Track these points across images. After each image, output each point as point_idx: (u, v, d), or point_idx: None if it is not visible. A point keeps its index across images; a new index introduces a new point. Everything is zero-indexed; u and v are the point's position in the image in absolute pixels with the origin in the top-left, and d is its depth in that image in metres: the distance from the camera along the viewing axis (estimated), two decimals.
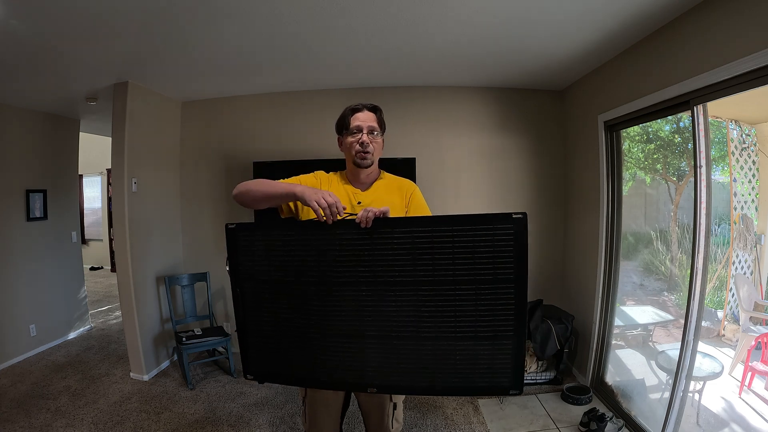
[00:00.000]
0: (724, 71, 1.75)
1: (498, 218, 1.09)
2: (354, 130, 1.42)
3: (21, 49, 2.31)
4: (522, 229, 1.11)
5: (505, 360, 1.15)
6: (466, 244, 1.09)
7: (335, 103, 3.46)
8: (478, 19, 2.15)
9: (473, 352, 1.15)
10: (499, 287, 1.11)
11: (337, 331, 1.22)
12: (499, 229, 1.09)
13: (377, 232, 1.14)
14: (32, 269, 3.69)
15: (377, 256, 1.15)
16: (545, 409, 2.70)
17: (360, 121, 1.42)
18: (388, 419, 1.54)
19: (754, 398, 2.41)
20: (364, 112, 1.44)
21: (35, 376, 3.22)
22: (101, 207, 7.91)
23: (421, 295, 1.14)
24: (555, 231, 3.49)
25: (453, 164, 3.47)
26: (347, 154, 1.46)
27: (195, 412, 2.71)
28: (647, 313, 3.02)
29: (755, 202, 2.97)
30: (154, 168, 3.36)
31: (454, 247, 1.10)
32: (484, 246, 1.10)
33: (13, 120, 3.51)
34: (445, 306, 1.14)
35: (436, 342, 1.16)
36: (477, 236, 1.10)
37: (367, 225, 1.13)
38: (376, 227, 1.13)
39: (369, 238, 1.14)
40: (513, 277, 1.11)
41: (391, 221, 1.16)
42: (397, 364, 1.19)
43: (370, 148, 1.42)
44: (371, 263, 1.15)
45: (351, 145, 1.42)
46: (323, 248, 1.19)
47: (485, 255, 1.10)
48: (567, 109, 3.40)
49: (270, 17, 2.10)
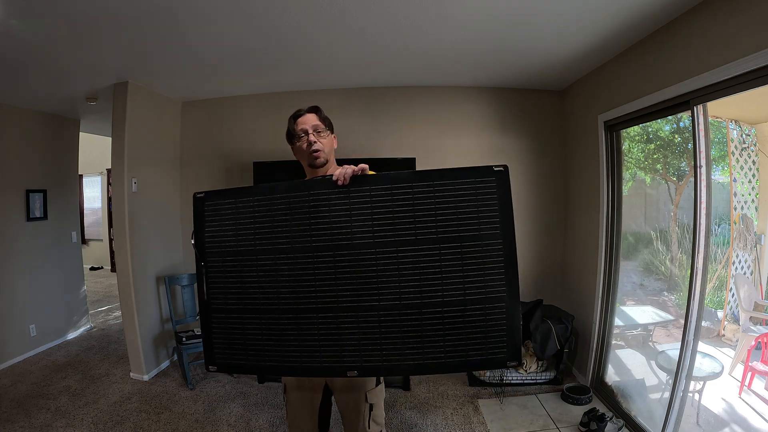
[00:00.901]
0: (724, 71, 1.75)
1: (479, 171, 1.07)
2: (300, 134, 1.44)
3: (21, 49, 2.31)
4: (504, 182, 1.07)
5: (499, 327, 1.06)
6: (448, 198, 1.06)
7: (335, 104, 3.48)
8: (478, 19, 2.15)
9: (463, 319, 1.06)
10: (486, 244, 1.05)
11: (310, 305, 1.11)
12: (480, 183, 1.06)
13: (354, 191, 1.08)
14: (32, 269, 3.69)
15: (355, 217, 1.07)
16: (545, 409, 2.70)
17: (304, 124, 1.44)
18: (363, 421, 1.47)
19: (754, 398, 2.41)
20: (305, 116, 1.46)
21: (35, 376, 3.22)
22: (101, 207, 7.91)
23: (402, 258, 1.06)
24: (555, 231, 3.49)
25: (453, 164, 3.46)
26: (301, 159, 1.49)
27: (195, 412, 2.71)
28: (647, 313, 3.02)
29: (755, 202, 2.97)
30: (154, 168, 3.36)
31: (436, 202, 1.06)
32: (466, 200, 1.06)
33: (13, 120, 3.50)
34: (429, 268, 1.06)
35: (420, 311, 1.07)
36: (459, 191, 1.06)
37: (344, 182, 1.08)
38: (353, 185, 1.08)
39: (346, 197, 1.08)
40: (499, 233, 1.05)
41: (369, 178, 1.10)
42: (379, 340, 1.08)
43: (319, 145, 1.42)
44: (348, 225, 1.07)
45: (301, 149, 1.45)
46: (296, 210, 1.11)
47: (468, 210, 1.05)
48: (567, 109, 3.40)
49: (270, 17, 2.10)
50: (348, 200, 1.08)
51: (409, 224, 1.06)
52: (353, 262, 1.08)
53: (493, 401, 2.80)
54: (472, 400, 2.82)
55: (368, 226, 1.07)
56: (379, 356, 1.09)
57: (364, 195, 1.08)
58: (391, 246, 1.06)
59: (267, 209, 1.13)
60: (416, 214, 1.06)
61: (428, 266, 1.06)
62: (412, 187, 1.06)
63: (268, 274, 1.13)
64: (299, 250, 1.11)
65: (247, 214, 1.15)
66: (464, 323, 1.06)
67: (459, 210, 1.05)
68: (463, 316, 1.06)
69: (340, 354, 1.11)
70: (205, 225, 1.18)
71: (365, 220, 1.07)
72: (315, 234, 1.10)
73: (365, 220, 1.07)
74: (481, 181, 1.05)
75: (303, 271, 1.11)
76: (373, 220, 1.07)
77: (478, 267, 1.05)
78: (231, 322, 1.18)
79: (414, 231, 1.06)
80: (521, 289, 3.69)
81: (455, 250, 1.05)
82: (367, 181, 1.09)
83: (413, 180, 1.08)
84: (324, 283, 1.10)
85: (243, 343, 1.18)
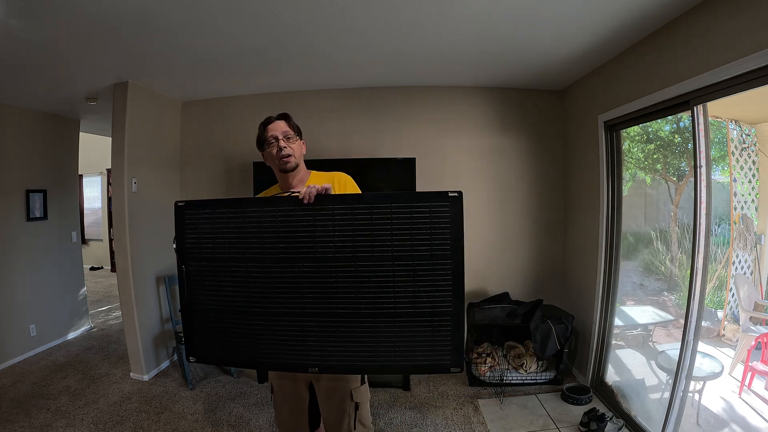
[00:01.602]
0: (724, 71, 1.75)
1: (434, 196, 1.14)
2: (271, 140, 1.48)
3: (21, 49, 2.31)
4: (458, 207, 1.14)
5: (444, 337, 1.17)
6: (404, 220, 1.14)
7: (335, 104, 3.48)
8: (478, 19, 2.15)
9: (412, 329, 1.17)
10: (436, 263, 1.14)
11: (278, 309, 1.23)
12: (435, 207, 1.14)
13: (318, 209, 1.17)
14: (32, 269, 3.69)
15: (318, 233, 1.18)
16: (545, 409, 2.70)
17: (274, 131, 1.49)
18: (349, 420, 1.47)
19: (754, 398, 2.41)
20: (274, 123, 1.51)
21: (35, 376, 3.22)
22: (101, 207, 7.91)
23: (360, 272, 1.16)
24: (555, 231, 3.49)
25: (453, 164, 3.47)
26: (272, 165, 1.52)
27: (195, 412, 2.71)
28: (647, 313, 3.02)
29: (755, 202, 2.97)
30: (154, 168, 3.36)
31: (392, 223, 1.14)
32: (420, 223, 1.14)
33: (13, 120, 3.51)
34: (383, 282, 1.16)
35: (375, 319, 1.18)
36: (414, 213, 1.14)
37: (309, 201, 1.17)
38: (317, 203, 1.17)
39: (311, 214, 1.17)
40: (449, 253, 1.14)
41: (332, 198, 1.20)
42: (336, 343, 1.21)
43: (289, 150, 1.47)
44: (312, 239, 1.18)
45: (271, 155, 1.48)
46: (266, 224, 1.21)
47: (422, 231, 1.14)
48: (567, 109, 3.40)
49: (270, 18, 2.10)
50: (312, 218, 1.18)
51: (366, 242, 1.16)
52: (316, 273, 1.19)
53: (493, 401, 2.80)
54: (472, 400, 2.82)
55: (330, 242, 1.17)
56: (338, 357, 1.22)
57: (326, 213, 1.17)
58: (350, 261, 1.17)
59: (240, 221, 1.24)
60: (374, 232, 1.15)
61: (383, 280, 1.16)
62: (371, 208, 1.16)
63: (241, 279, 1.25)
64: (268, 260, 1.22)
65: (223, 225, 1.25)
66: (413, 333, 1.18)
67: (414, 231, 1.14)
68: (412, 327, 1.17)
69: (304, 353, 1.24)
70: (185, 232, 1.29)
71: (327, 236, 1.17)
72: (282, 246, 1.21)
73: (327, 237, 1.17)
74: (436, 205, 1.13)
75: (272, 279, 1.23)
76: (334, 237, 1.17)
77: (427, 283, 1.15)
78: (209, 320, 1.29)
79: (371, 248, 1.16)
80: (521, 290, 3.70)
81: (408, 267, 1.15)
82: (329, 201, 1.18)
83: (372, 201, 1.17)
84: (290, 291, 1.22)
85: (221, 339, 1.30)
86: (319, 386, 1.49)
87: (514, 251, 3.49)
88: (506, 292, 3.39)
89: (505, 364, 3.08)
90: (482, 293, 3.43)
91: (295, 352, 1.24)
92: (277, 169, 1.50)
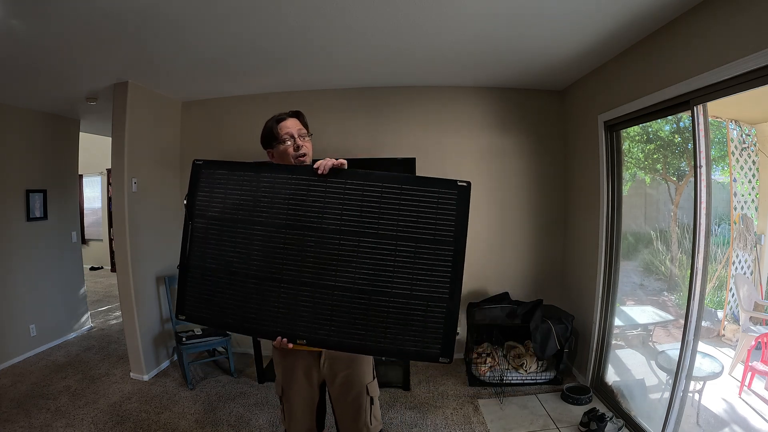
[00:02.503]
0: (724, 71, 1.75)
1: (444, 183, 1.16)
2: (285, 137, 1.44)
3: (21, 49, 2.31)
4: (465, 197, 1.16)
5: (437, 325, 1.17)
6: (412, 202, 1.17)
7: (335, 104, 3.48)
8: (478, 19, 2.15)
9: (406, 311, 1.17)
10: (438, 248, 1.16)
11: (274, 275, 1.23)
12: (443, 194, 1.16)
13: (331, 181, 1.20)
14: (32, 269, 3.69)
15: (328, 204, 1.20)
16: (545, 409, 2.70)
17: (288, 128, 1.46)
18: (366, 415, 1.46)
19: (754, 398, 2.41)
20: (288, 120, 1.48)
21: (35, 376, 3.22)
22: (101, 207, 7.90)
23: (362, 247, 1.18)
24: (555, 231, 3.49)
25: (453, 164, 3.47)
26: (283, 161, 1.48)
27: (195, 412, 2.71)
28: (647, 313, 3.02)
29: (755, 202, 2.97)
30: (154, 168, 3.36)
31: (401, 203, 1.17)
32: (427, 207, 1.16)
33: (13, 120, 3.50)
34: (384, 260, 1.17)
35: (370, 297, 1.18)
36: (423, 197, 1.17)
37: (324, 172, 1.19)
38: (330, 176, 1.20)
39: (323, 185, 1.20)
40: (452, 240, 1.16)
41: (345, 172, 1.22)
42: (329, 317, 1.20)
43: (305, 149, 1.45)
44: (320, 210, 1.20)
45: (286, 152, 1.44)
46: (277, 190, 1.24)
47: (428, 215, 1.16)
48: (567, 109, 3.40)
49: (269, 17, 2.10)
50: (324, 188, 1.20)
51: (373, 218, 1.18)
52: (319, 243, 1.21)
53: (493, 401, 2.80)
54: (472, 400, 2.82)
55: (338, 214, 1.19)
56: (327, 331, 1.21)
57: (338, 186, 1.19)
58: (355, 235, 1.19)
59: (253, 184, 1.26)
60: (381, 210, 1.17)
61: (384, 258, 1.18)
62: (381, 187, 1.18)
63: (243, 241, 1.26)
64: (273, 225, 1.24)
65: (235, 186, 1.27)
66: (406, 315, 1.18)
67: (420, 214, 1.16)
68: (406, 309, 1.18)
69: (293, 323, 1.23)
70: (198, 190, 1.31)
71: (336, 208, 1.19)
72: (290, 213, 1.22)
73: (336, 209, 1.19)
74: (445, 192, 1.16)
75: (273, 244, 1.24)
76: (342, 210, 1.19)
77: (427, 267, 1.17)
78: (204, 279, 1.31)
79: (377, 225, 1.18)
80: (521, 290, 3.69)
81: (410, 248, 1.17)
82: (343, 175, 1.21)
83: (384, 180, 1.19)
84: (290, 258, 1.23)
85: (211, 299, 1.30)
86: (334, 384, 1.47)
87: (514, 251, 3.49)
88: (506, 292, 3.39)
89: (505, 364, 3.08)
90: (482, 293, 3.43)
91: (284, 321, 1.24)
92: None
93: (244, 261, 1.25)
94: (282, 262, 1.23)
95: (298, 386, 1.48)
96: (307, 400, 1.50)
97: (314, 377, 1.48)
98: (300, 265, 1.21)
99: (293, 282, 1.22)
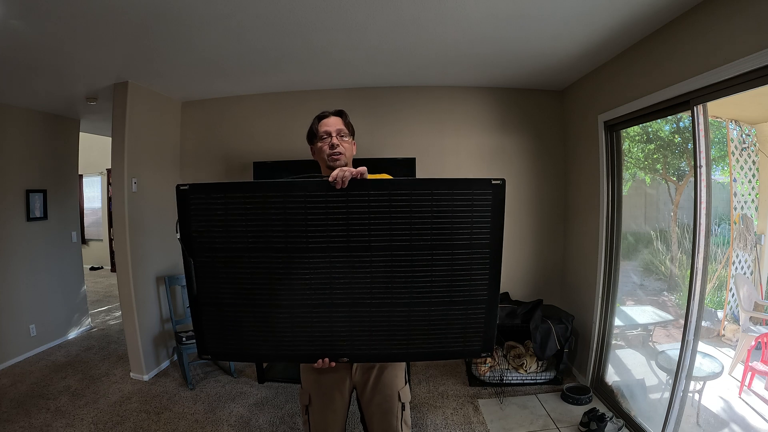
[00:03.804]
0: (724, 71, 1.75)
1: (477, 183, 1.08)
2: (323, 135, 1.44)
3: (21, 49, 2.31)
4: (500, 196, 1.09)
5: (477, 324, 1.15)
6: (445, 208, 1.08)
7: (336, 104, 3.45)
8: (478, 19, 2.15)
9: (447, 317, 1.14)
10: (475, 252, 1.10)
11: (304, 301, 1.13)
12: (477, 195, 1.08)
13: (353, 195, 1.07)
14: (32, 269, 3.69)
15: (352, 221, 1.08)
16: (545, 409, 2.70)
17: (327, 126, 1.45)
18: (397, 422, 1.40)
19: (754, 398, 2.41)
20: (330, 118, 1.47)
21: (35, 376, 3.22)
22: (101, 207, 7.91)
23: (396, 261, 1.10)
24: (555, 231, 3.49)
25: (453, 164, 3.47)
26: (320, 160, 1.49)
27: (195, 412, 2.71)
28: (647, 313, 3.02)
29: (755, 202, 2.97)
30: (154, 168, 3.36)
31: (433, 211, 1.08)
32: (462, 211, 1.08)
33: (13, 120, 3.50)
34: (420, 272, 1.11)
35: (410, 308, 1.13)
36: (455, 201, 1.08)
37: (342, 186, 1.07)
38: (351, 189, 1.07)
39: (344, 200, 1.07)
40: (489, 242, 1.10)
41: (367, 183, 1.09)
42: (369, 332, 1.15)
43: (341, 148, 1.43)
44: (345, 228, 1.08)
45: (322, 150, 1.44)
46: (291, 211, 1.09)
47: (463, 220, 1.08)
48: (567, 109, 3.40)
49: (269, 17, 2.10)
50: (346, 204, 1.08)
51: (404, 230, 1.08)
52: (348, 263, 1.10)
53: (493, 401, 2.80)
54: (472, 400, 2.82)
55: (365, 230, 1.08)
56: (368, 346, 1.16)
57: (362, 199, 1.08)
58: (386, 250, 1.09)
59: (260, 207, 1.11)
60: (413, 220, 1.08)
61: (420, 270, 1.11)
62: (410, 195, 1.07)
63: (262, 271, 1.13)
64: (294, 250, 1.11)
65: (238, 211, 1.12)
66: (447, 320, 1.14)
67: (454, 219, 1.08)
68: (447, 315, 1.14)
69: (332, 344, 1.17)
70: (192, 220, 1.15)
71: (362, 223, 1.08)
72: (311, 235, 1.09)
73: (362, 224, 1.08)
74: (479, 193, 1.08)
75: (298, 271, 1.12)
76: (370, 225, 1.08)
77: (465, 273, 1.11)
78: (223, 315, 1.18)
79: (409, 237, 1.08)
80: (521, 290, 3.69)
81: (446, 256, 1.10)
82: (366, 186, 1.08)
83: (412, 187, 1.09)
84: (318, 282, 1.12)
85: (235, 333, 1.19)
86: (366, 390, 1.42)
87: (514, 251, 3.49)
88: (506, 292, 3.39)
89: (505, 364, 3.08)
90: None
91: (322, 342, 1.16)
92: (324, 165, 1.46)
93: (266, 291, 1.14)
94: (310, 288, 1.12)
95: (329, 398, 1.42)
96: (337, 412, 1.44)
97: (346, 386, 1.43)
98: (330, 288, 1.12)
99: (326, 305, 1.13)
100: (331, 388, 1.41)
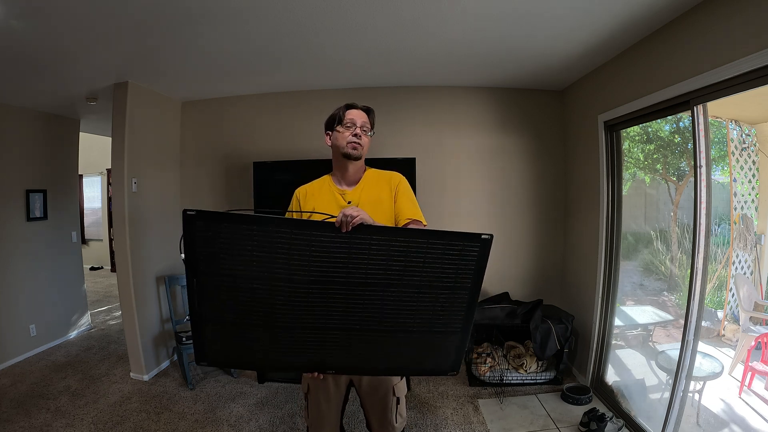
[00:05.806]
0: (724, 71, 1.75)
1: (468, 237, 1.21)
2: (348, 123, 1.48)
3: (21, 49, 2.31)
4: (486, 248, 1.22)
5: (450, 349, 1.33)
6: (437, 255, 1.21)
7: (335, 104, 3.41)
8: (478, 18, 2.15)
9: (425, 343, 1.32)
10: (456, 293, 1.25)
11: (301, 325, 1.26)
12: (467, 246, 1.21)
13: (355, 238, 1.18)
14: (32, 269, 3.69)
15: (353, 258, 1.20)
16: (545, 409, 2.70)
17: (354, 116, 1.49)
18: (391, 414, 1.55)
19: (754, 398, 2.41)
20: (358, 110, 1.52)
21: (35, 376, 3.22)
22: (101, 207, 7.91)
23: (387, 296, 1.24)
24: (555, 231, 3.49)
25: (453, 164, 3.47)
26: (336, 147, 1.51)
27: (195, 412, 2.71)
28: (647, 313, 3.02)
29: (755, 202, 2.97)
30: (154, 168, 3.36)
31: (426, 256, 1.20)
32: (451, 258, 1.21)
33: (13, 120, 3.50)
34: (407, 306, 1.26)
35: (393, 335, 1.29)
36: (447, 249, 1.21)
37: (347, 230, 1.17)
38: (354, 232, 1.18)
39: (347, 242, 1.18)
40: (470, 285, 1.25)
41: (370, 229, 1.20)
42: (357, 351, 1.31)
43: (363, 141, 1.48)
44: (346, 266, 1.20)
45: (343, 136, 1.48)
46: (296, 248, 1.18)
47: (451, 266, 1.22)
48: (567, 109, 3.40)
49: (269, 17, 2.10)
50: (348, 246, 1.19)
51: (399, 271, 1.21)
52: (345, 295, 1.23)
53: (493, 401, 2.80)
54: (472, 400, 2.82)
55: (363, 268, 1.20)
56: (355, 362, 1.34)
57: (363, 242, 1.19)
58: (380, 286, 1.23)
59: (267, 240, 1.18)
60: (408, 264, 1.21)
61: (407, 305, 1.25)
62: (408, 242, 1.20)
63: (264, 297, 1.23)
64: (296, 281, 1.21)
65: (245, 241, 1.19)
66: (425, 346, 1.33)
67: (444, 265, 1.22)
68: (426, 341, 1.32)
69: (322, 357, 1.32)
70: (196, 244, 1.20)
71: (361, 262, 1.20)
72: (314, 270, 1.20)
73: (361, 263, 1.20)
74: (468, 244, 1.21)
75: (299, 298, 1.23)
76: (368, 264, 1.20)
77: (445, 309, 1.27)
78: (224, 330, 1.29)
79: (401, 276, 1.22)
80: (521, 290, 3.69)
81: (431, 295, 1.25)
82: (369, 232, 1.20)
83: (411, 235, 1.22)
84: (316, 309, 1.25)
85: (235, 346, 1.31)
86: (362, 385, 1.55)
87: (514, 251, 3.49)
88: (506, 292, 3.39)
89: (505, 364, 3.08)
90: (482, 293, 3.41)
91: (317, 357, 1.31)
92: (340, 152, 1.49)
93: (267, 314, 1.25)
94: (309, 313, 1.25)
95: (324, 389, 1.55)
96: (332, 401, 1.56)
97: (342, 379, 1.55)
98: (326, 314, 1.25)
99: (321, 329, 1.27)
100: (326, 381, 1.53)
